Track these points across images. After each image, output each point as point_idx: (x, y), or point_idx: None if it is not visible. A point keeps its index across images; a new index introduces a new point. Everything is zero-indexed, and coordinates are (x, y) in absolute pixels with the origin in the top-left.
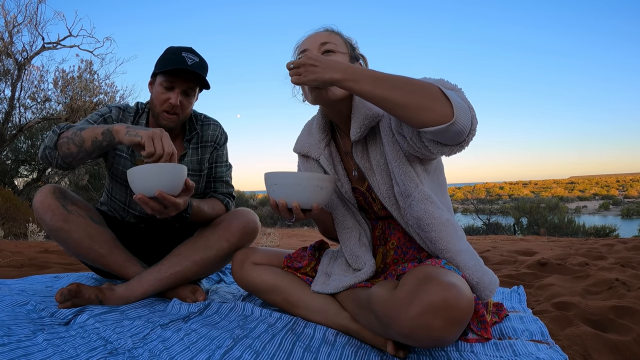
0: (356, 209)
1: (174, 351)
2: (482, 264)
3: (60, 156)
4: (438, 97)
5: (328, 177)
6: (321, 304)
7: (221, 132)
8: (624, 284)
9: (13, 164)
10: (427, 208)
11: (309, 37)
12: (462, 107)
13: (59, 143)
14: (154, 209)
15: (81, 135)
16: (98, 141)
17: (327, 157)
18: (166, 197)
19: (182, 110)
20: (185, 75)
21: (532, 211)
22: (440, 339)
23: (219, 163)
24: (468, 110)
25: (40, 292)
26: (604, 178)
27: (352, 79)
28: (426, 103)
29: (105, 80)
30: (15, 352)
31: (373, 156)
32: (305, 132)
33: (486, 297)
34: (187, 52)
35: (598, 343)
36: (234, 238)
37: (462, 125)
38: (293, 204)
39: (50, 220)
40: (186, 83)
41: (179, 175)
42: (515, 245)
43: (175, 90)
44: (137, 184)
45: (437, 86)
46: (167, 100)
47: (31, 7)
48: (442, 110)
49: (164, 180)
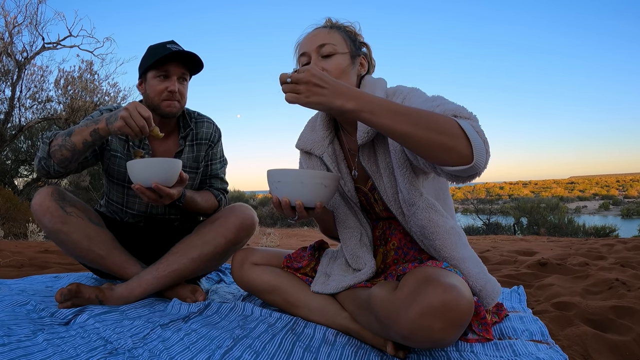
0: (358, 208)
1: (174, 351)
2: (485, 271)
3: (56, 163)
4: (459, 137)
5: (332, 175)
6: (321, 304)
7: (215, 129)
8: (624, 284)
9: (13, 164)
10: (431, 217)
11: (308, 36)
12: (480, 148)
13: (52, 152)
14: (149, 198)
15: (71, 141)
16: (89, 142)
17: (330, 154)
18: (161, 188)
19: (182, 96)
20: (178, 60)
21: (532, 211)
22: (440, 341)
23: (214, 160)
24: (484, 150)
25: (40, 292)
26: (604, 178)
27: (368, 111)
28: (448, 143)
29: (105, 80)
30: (15, 352)
31: (381, 159)
32: (308, 128)
33: (488, 304)
34: (170, 44)
35: (598, 343)
36: (230, 234)
37: (479, 167)
38: (296, 202)
39: (49, 223)
40: (180, 69)
41: (173, 169)
42: (515, 245)
43: (171, 77)
44: (136, 175)
45: (456, 122)
46: (164, 90)
47: (31, 7)
48: (463, 151)
49: (159, 172)
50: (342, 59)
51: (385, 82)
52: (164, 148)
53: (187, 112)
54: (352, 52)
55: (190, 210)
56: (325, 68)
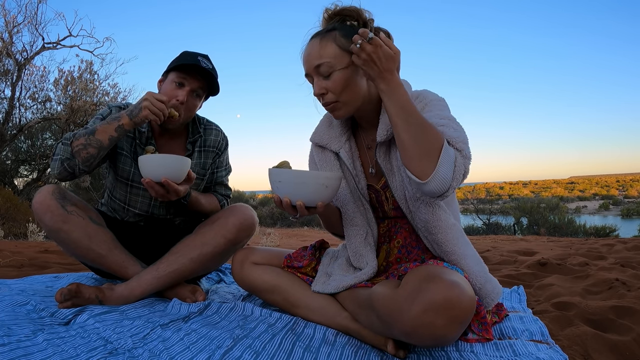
0: (368, 206)
1: (174, 351)
2: (486, 271)
3: (81, 162)
4: (431, 155)
5: (334, 176)
6: (321, 304)
7: (223, 137)
8: (624, 284)
9: (13, 164)
10: (435, 211)
11: (305, 54)
12: (443, 178)
13: (75, 152)
14: (157, 193)
15: (97, 139)
16: (114, 138)
17: (347, 151)
18: (170, 183)
19: (187, 110)
20: (198, 74)
21: (532, 211)
22: (442, 338)
23: (220, 168)
24: (447, 180)
25: (40, 292)
26: (604, 178)
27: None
28: (417, 153)
29: (105, 80)
30: (15, 352)
31: (395, 157)
32: (325, 123)
33: (487, 304)
34: (202, 57)
35: (598, 343)
36: (230, 234)
37: (432, 191)
38: (297, 202)
39: (50, 221)
40: (197, 82)
41: (183, 166)
42: (515, 245)
43: (185, 87)
44: (147, 170)
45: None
46: (174, 97)
47: (31, 7)
48: (425, 169)
49: (170, 169)
50: (342, 74)
51: (409, 84)
52: (168, 149)
53: (197, 118)
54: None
55: (194, 210)
56: (328, 87)
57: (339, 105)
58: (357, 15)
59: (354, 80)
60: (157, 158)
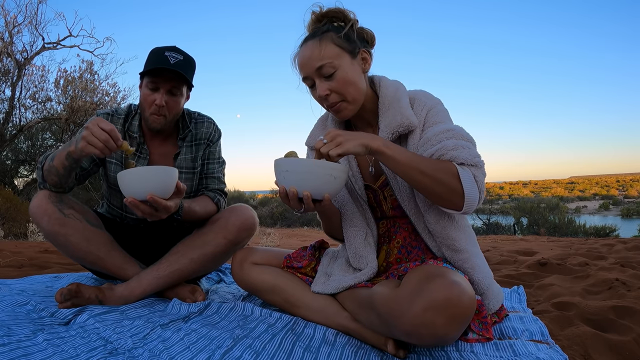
0: (367, 206)
1: (174, 351)
2: (491, 276)
3: (52, 187)
4: (456, 192)
5: (341, 167)
6: (321, 304)
7: (215, 129)
8: (624, 284)
9: (13, 164)
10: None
11: (303, 57)
12: (472, 200)
13: (45, 176)
14: (144, 212)
15: (54, 166)
16: (67, 166)
17: None
18: (158, 200)
19: (169, 110)
20: (167, 75)
21: (532, 211)
22: (442, 337)
23: (211, 159)
24: (477, 199)
25: (40, 292)
26: (604, 178)
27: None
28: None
29: (105, 80)
30: (15, 352)
31: None
32: (319, 126)
33: (493, 306)
34: (170, 51)
35: (598, 343)
36: (230, 235)
37: (468, 212)
38: (304, 193)
39: (47, 225)
40: (169, 82)
41: (170, 178)
42: (515, 245)
43: (159, 91)
44: (128, 188)
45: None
46: (153, 102)
47: (31, 7)
48: (456, 203)
49: (155, 183)
50: (345, 71)
51: (403, 87)
52: (161, 150)
53: (187, 113)
54: (352, 54)
55: (190, 221)
56: (332, 88)
57: (344, 104)
58: (343, 17)
59: (356, 78)
60: (139, 172)
